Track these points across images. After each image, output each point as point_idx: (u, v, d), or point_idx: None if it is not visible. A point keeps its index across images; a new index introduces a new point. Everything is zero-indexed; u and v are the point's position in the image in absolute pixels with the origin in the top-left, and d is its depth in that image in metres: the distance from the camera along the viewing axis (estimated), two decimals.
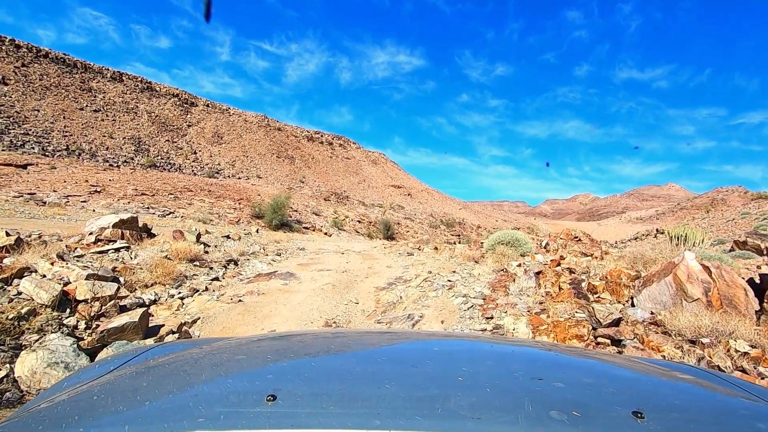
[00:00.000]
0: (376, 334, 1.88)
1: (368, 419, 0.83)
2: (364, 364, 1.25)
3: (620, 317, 4.00)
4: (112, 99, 65.47)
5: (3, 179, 22.80)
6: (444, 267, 8.29)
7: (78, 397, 1.05)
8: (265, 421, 0.82)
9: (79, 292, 4.70)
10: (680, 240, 10.49)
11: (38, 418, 0.94)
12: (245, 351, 1.41)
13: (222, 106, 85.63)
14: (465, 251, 9.57)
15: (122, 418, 0.88)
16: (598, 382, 1.19)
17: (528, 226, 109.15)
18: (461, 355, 1.44)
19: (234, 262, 7.86)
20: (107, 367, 1.39)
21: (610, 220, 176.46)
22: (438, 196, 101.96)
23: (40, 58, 61.66)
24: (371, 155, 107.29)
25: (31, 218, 12.58)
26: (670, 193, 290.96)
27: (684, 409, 1.05)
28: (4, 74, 53.37)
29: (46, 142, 45.95)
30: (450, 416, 0.86)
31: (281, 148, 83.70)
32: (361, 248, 14.94)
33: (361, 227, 41.09)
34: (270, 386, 0.97)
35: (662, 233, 39.35)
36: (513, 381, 1.12)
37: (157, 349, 1.64)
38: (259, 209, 30.14)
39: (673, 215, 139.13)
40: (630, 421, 0.87)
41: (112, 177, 29.24)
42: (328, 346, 1.53)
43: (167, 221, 20.66)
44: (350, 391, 1.00)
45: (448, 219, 72.80)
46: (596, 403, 1.01)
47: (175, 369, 1.24)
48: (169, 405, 0.95)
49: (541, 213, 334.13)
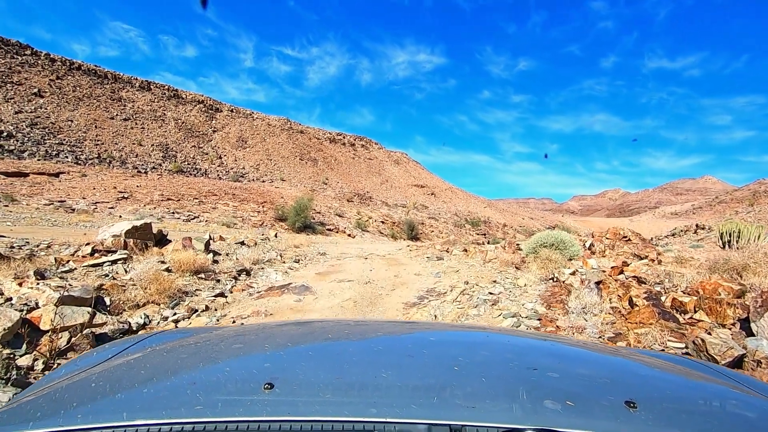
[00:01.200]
0: (372, 324, 1.92)
1: (364, 408, 0.84)
2: (360, 354, 1.26)
3: (743, 353, 3.06)
4: (140, 107, 67.39)
5: (36, 188, 23.33)
6: (481, 275, 7.38)
7: (76, 384, 1.07)
8: (262, 409, 0.82)
9: (44, 320, 3.88)
10: (732, 236, 9.27)
11: (36, 404, 0.95)
12: (243, 340, 1.41)
13: (246, 110, 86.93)
14: (502, 255, 8.64)
15: (120, 405, 0.89)
16: (592, 372, 1.20)
17: (557, 224, 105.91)
18: (457, 345, 1.44)
19: (246, 272, 7.12)
20: (105, 355, 1.39)
21: (642, 216, 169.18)
22: (462, 195, 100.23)
23: (73, 70, 64.11)
24: (393, 155, 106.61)
25: (53, 226, 12.51)
26: (706, 186, 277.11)
27: (676, 399, 1.07)
28: (40, 87, 55.67)
29: (79, 151, 47.52)
30: (445, 405, 0.87)
31: (304, 150, 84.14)
32: (385, 251, 14.20)
33: (384, 228, 40.43)
34: (267, 375, 0.99)
35: (703, 229, 36.93)
36: (508, 371, 1.14)
37: (155, 337, 1.65)
38: (282, 212, 29.91)
39: (711, 209, 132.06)
40: (623, 410, 0.88)
41: (139, 183, 29.65)
42: (325, 335, 1.53)
43: (191, 226, 20.58)
44: (347, 380, 1.01)
45: (473, 218, 71.22)
46: (590, 392, 1.02)
47: (174, 357, 1.24)
48: (168, 392, 0.95)
49: (569, 210, 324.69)
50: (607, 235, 8.84)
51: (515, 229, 79.55)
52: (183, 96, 78.19)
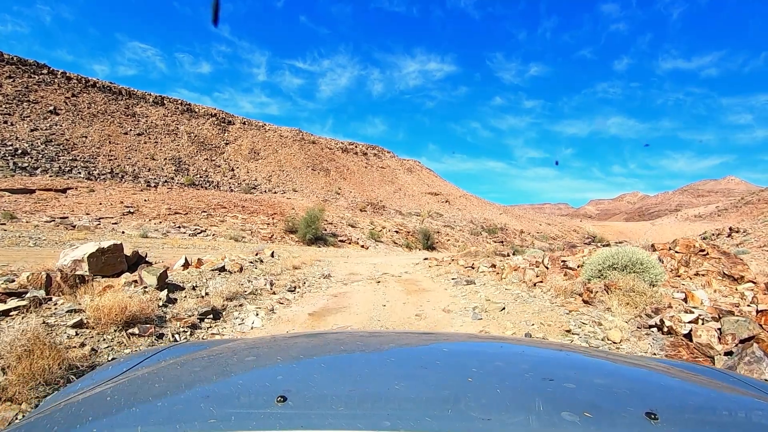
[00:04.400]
0: (385, 336, 1.88)
1: (378, 420, 0.83)
2: (373, 365, 1.24)
3: None
4: (154, 122, 67.99)
5: (40, 204, 22.80)
6: (542, 316, 5.41)
7: (92, 398, 1.07)
8: (275, 422, 0.82)
9: None
10: None
11: (52, 419, 0.95)
12: (256, 353, 1.41)
13: (258, 122, 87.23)
14: (552, 279, 6.88)
15: (135, 419, 0.89)
16: (610, 382, 1.17)
17: (574, 229, 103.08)
18: (471, 356, 1.41)
19: (214, 315, 5.16)
20: (120, 368, 1.39)
21: (664, 219, 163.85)
22: (477, 202, 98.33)
23: (88, 87, 65.12)
24: (406, 163, 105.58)
25: (35, 246, 11.60)
26: (729, 187, 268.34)
27: (698, 410, 1.04)
28: (56, 105, 56.51)
29: (92, 166, 47.71)
30: (460, 417, 0.86)
31: (316, 160, 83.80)
32: (401, 267, 12.83)
33: (399, 238, 39.11)
34: (280, 387, 0.98)
35: (737, 232, 34.58)
36: (523, 382, 1.11)
37: (169, 350, 1.63)
38: (293, 224, 28.88)
39: (737, 211, 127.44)
40: (643, 422, 0.85)
41: (147, 197, 29.04)
42: (338, 347, 1.51)
43: (196, 241, 19.65)
44: (360, 392, 1.00)
45: (490, 225, 69.36)
46: (608, 403, 0.99)
47: (187, 370, 1.24)
48: (181, 406, 0.95)
49: (586, 214, 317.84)
50: (678, 248, 7.18)
51: (533, 235, 77.35)
52: (196, 110, 78.83)
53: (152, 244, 15.42)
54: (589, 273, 6.47)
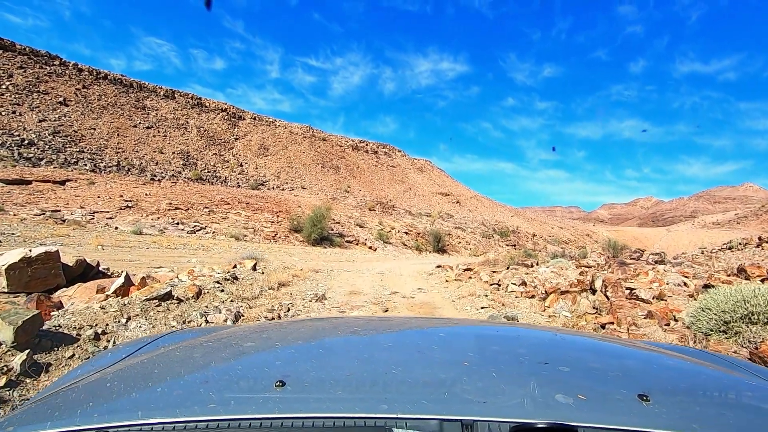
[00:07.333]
0: (382, 321, 1.89)
1: (375, 404, 0.83)
2: (371, 351, 1.23)
3: None
4: (164, 116, 67.45)
5: (35, 196, 21.83)
6: None
7: (92, 384, 1.06)
8: (274, 407, 0.83)
9: None
10: None
11: (54, 404, 0.95)
12: (254, 338, 1.41)
13: (268, 118, 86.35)
14: (642, 325, 4.55)
15: (135, 404, 0.89)
16: (604, 365, 1.17)
17: (587, 234, 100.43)
18: (467, 340, 1.42)
19: None
20: (120, 354, 1.38)
21: (680, 226, 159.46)
22: (488, 203, 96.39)
23: (99, 79, 64.80)
24: (417, 162, 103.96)
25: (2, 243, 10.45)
26: (747, 194, 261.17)
27: (689, 392, 1.05)
28: (66, 96, 56.12)
29: (99, 158, 47.07)
30: (456, 400, 0.86)
31: (326, 158, 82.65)
32: (412, 279, 11.34)
33: (408, 239, 37.64)
34: (279, 373, 0.99)
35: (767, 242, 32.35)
36: (518, 365, 1.12)
37: (168, 336, 1.62)
38: (298, 222, 27.61)
39: (757, 219, 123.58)
40: (635, 403, 0.86)
41: (149, 191, 28.00)
42: (336, 332, 1.51)
43: (191, 240, 18.42)
44: (357, 376, 1.00)
45: (502, 227, 67.51)
46: (602, 386, 1.00)
47: (187, 356, 1.23)
48: (181, 391, 0.95)
49: (598, 218, 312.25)
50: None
51: (545, 239, 75.26)
52: (206, 104, 78.17)
53: (140, 242, 14.21)
54: (707, 324, 4.20)
